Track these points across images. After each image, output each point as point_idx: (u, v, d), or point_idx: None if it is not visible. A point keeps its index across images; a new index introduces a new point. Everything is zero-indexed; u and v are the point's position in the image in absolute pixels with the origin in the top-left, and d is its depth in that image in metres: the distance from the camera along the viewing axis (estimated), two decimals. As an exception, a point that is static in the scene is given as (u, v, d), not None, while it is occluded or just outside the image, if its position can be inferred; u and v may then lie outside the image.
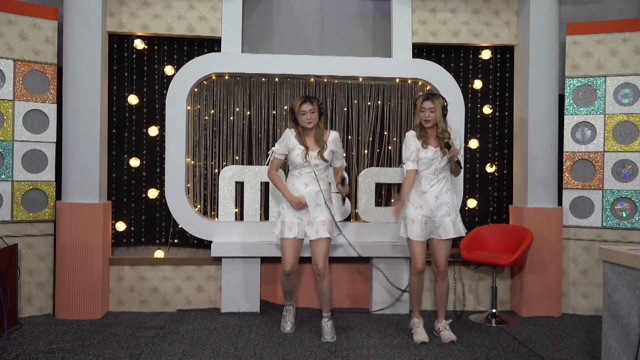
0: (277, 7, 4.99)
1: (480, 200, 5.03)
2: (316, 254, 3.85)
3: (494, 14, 4.87)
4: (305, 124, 3.80)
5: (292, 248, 3.84)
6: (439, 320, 3.98)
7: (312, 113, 3.79)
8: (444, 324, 3.95)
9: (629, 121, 4.60)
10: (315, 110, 3.80)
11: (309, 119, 3.79)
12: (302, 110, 3.79)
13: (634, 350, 2.72)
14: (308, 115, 3.78)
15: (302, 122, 3.81)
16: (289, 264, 3.84)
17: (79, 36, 4.34)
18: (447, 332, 3.91)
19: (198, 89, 4.74)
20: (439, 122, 3.75)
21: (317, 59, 4.69)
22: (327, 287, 3.90)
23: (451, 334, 3.89)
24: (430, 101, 3.75)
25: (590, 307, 4.68)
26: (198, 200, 4.78)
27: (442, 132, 3.76)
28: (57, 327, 4.10)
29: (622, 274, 2.84)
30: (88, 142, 4.35)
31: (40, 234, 4.39)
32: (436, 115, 3.74)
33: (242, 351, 3.61)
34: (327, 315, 3.95)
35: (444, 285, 3.94)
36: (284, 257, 3.87)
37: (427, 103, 3.75)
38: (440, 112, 3.74)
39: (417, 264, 3.85)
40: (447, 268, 3.92)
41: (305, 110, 3.79)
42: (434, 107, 3.74)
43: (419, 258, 3.83)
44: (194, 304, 4.63)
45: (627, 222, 4.59)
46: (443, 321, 3.96)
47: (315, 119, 3.81)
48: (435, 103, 3.74)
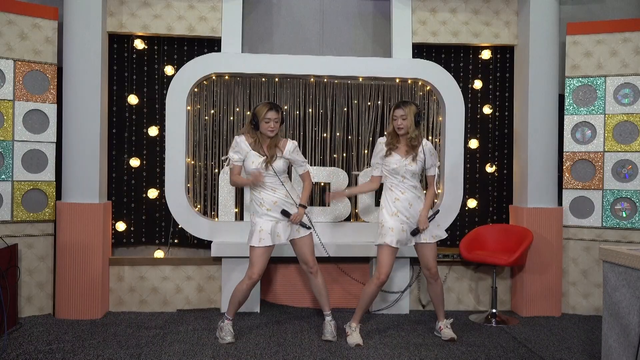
0: (277, 7, 4.99)
1: (480, 200, 5.03)
2: (304, 253, 3.79)
3: (494, 14, 4.87)
4: (267, 132, 3.66)
5: (263, 254, 3.69)
6: (439, 320, 3.98)
7: (276, 122, 3.66)
8: (445, 323, 3.94)
9: (629, 121, 4.60)
10: (279, 120, 3.69)
11: (272, 128, 3.66)
12: (267, 117, 3.64)
13: (634, 350, 2.72)
14: (272, 123, 3.65)
15: (264, 129, 3.66)
16: (257, 272, 3.69)
17: (79, 36, 4.34)
18: (448, 330, 3.91)
19: (198, 89, 4.74)
20: (409, 130, 3.71)
21: (317, 59, 4.69)
22: (321, 283, 3.86)
23: (452, 332, 3.89)
24: (401, 109, 3.71)
25: (590, 307, 4.68)
26: (198, 200, 4.78)
27: (412, 140, 3.72)
28: (57, 327, 4.10)
29: (622, 274, 2.84)
30: (88, 142, 4.35)
31: (40, 234, 4.39)
32: (408, 123, 3.70)
33: (242, 351, 3.61)
34: (328, 313, 3.91)
35: (438, 285, 3.91)
36: (254, 264, 3.68)
37: (398, 111, 3.72)
38: (412, 120, 3.69)
39: (381, 274, 3.70)
40: (437, 270, 3.86)
41: (270, 117, 3.64)
42: (405, 115, 3.69)
43: (386, 268, 3.71)
44: (194, 304, 4.63)
45: (627, 222, 4.59)
46: (444, 320, 3.96)
47: (277, 128, 3.69)
48: (406, 110, 3.69)
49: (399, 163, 3.73)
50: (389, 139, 3.79)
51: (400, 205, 3.72)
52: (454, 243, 4.95)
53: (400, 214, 3.72)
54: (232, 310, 3.79)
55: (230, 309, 3.79)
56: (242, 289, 3.74)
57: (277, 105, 3.73)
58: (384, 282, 3.78)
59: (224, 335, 3.77)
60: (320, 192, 4.86)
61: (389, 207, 3.75)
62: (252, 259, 3.71)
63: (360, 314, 3.86)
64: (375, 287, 3.77)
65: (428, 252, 3.82)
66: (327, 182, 4.77)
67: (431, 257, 3.82)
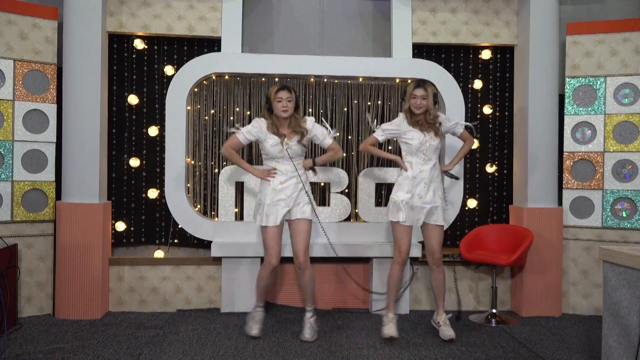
0: (277, 7, 5.00)
1: (480, 200, 5.03)
2: (296, 244, 3.77)
3: (494, 14, 4.87)
4: (280, 112, 3.65)
5: (275, 235, 3.70)
6: (438, 314, 3.95)
7: (288, 101, 3.64)
8: (444, 319, 3.91)
9: (629, 121, 4.60)
10: (292, 99, 3.67)
11: (285, 107, 3.64)
12: (278, 97, 3.64)
13: (634, 350, 2.72)
14: (284, 102, 3.64)
15: (277, 109, 3.65)
16: (275, 256, 3.71)
17: (79, 36, 4.34)
18: (447, 327, 3.87)
19: (198, 89, 4.74)
20: (430, 109, 3.73)
21: (317, 59, 4.69)
22: (309, 279, 3.82)
23: (451, 330, 3.86)
24: (422, 88, 3.71)
25: (590, 307, 4.68)
26: (198, 200, 4.78)
27: (433, 118, 3.74)
28: (57, 327, 4.10)
29: (622, 274, 2.84)
30: (88, 142, 4.35)
31: (40, 234, 4.39)
32: (428, 103, 3.71)
33: (242, 351, 3.61)
34: (310, 309, 3.89)
35: (440, 273, 3.87)
36: (269, 248, 3.72)
37: (418, 90, 3.71)
38: (431, 100, 3.71)
39: (402, 249, 3.74)
40: (441, 255, 3.84)
41: (282, 97, 3.64)
42: (425, 95, 3.70)
43: (405, 244, 3.74)
44: (194, 304, 4.63)
45: (627, 222, 4.59)
46: (443, 315, 3.92)
47: (291, 108, 3.67)
48: (428, 90, 3.71)
49: (421, 139, 3.73)
50: (409, 118, 3.77)
51: (417, 183, 3.73)
52: (454, 243, 4.95)
53: (416, 193, 3.73)
54: (259, 296, 3.90)
55: (259, 296, 3.92)
56: (261, 276, 3.85)
57: (289, 86, 3.74)
58: (406, 260, 3.81)
59: (251, 326, 3.88)
60: (320, 192, 4.86)
61: (403, 184, 3.76)
62: (265, 242, 3.75)
63: (393, 301, 3.89)
64: (398, 266, 3.80)
65: (435, 235, 3.80)
66: (327, 182, 4.77)
67: (437, 241, 3.81)
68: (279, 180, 3.73)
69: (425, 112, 3.74)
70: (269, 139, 3.70)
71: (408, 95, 3.77)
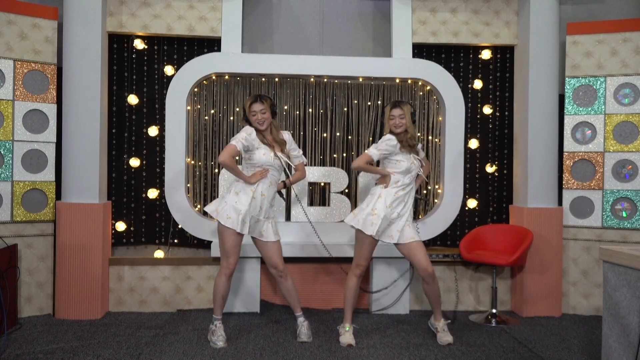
0: (277, 7, 4.99)
1: (480, 200, 5.03)
2: (271, 257, 3.74)
3: (494, 14, 4.87)
4: (256, 124, 3.63)
5: (239, 242, 3.64)
6: (436, 319, 3.95)
7: (262, 114, 3.61)
8: (442, 325, 3.91)
9: (629, 121, 4.60)
10: (267, 111, 3.63)
11: (260, 120, 3.61)
12: (252, 110, 3.61)
13: (634, 350, 2.72)
14: (259, 115, 3.61)
15: (253, 123, 3.63)
16: (234, 261, 3.64)
17: (79, 36, 4.34)
18: (445, 333, 3.87)
19: (198, 89, 4.74)
20: (408, 127, 3.76)
21: (317, 59, 4.69)
22: (291, 285, 3.82)
23: (449, 336, 3.86)
24: (399, 108, 3.75)
25: (590, 307, 4.68)
26: (198, 200, 4.78)
27: (411, 137, 3.77)
28: (57, 327, 4.10)
29: (622, 274, 2.83)
30: (88, 142, 4.35)
31: (40, 234, 4.39)
32: (406, 122, 3.75)
33: (242, 351, 3.61)
34: (300, 314, 3.88)
35: (435, 284, 3.84)
36: (230, 253, 3.60)
37: (396, 110, 3.75)
38: (409, 118, 3.75)
39: (362, 263, 3.78)
40: (433, 269, 3.78)
41: (255, 110, 3.61)
42: (403, 114, 3.74)
43: (368, 258, 3.79)
44: (194, 304, 4.63)
45: (627, 222, 4.59)
46: (441, 321, 3.92)
47: (267, 119, 3.63)
48: (404, 109, 3.74)
49: (410, 161, 3.77)
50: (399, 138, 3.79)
51: (399, 201, 3.76)
52: (454, 243, 4.95)
53: (394, 209, 3.75)
54: (218, 308, 3.74)
55: (216, 308, 3.74)
56: (220, 284, 3.69)
57: (262, 96, 3.67)
58: (363, 272, 3.82)
59: (216, 340, 3.71)
60: (320, 192, 4.86)
61: (387, 199, 3.75)
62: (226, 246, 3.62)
63: (350, 313, 3.86)
64: (356, 278, 3.81)
65: (419, 252, 3.77)
66: (327, 182, 4.77)
67: (424, 257, 3.76)
68: (261, 189, 3.65)
69: (404, 131, 3.77)
70: (261, 148, 3.65)
71: (386, 117, 3.80)
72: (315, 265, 4.67)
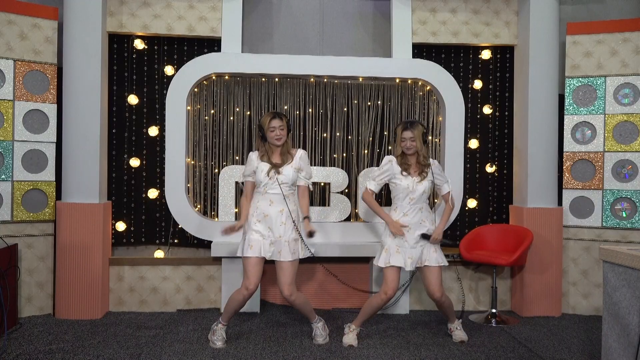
0: (277, 7, 4.99)
1: (480, 200, 5.03)
2: (280, 280, 3.64)
3: (494, 14, 4.87)
4: (274, 140, 3.64)
5: (256, 263, 3.60)
6: (451, 322, 3.97)
7: (281, 130, 3.64)
8: (456, 324, 3.94)
9: (629, 121, 4.60)
10: (284, 127, 3.67)
11: (278, 136, 3.64)
12: (271, 126, 3.64)
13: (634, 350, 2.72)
14: (277, 131, 3.63)
15: (270, 138, 3.65)
16: (254, 282, 3.58)
17: (79, 36, 4.34)
18: (459, 331, 3.91)
19: (198, 89, 4.74)
20: (419, 150, 3.73)
21: (317, 59, 4.69)
22: (301, 305, 3.74)
23: (463, 333, 3.90)
24: (409, 131, 3.71)
25: (590, 307, 4.68)
26: (198, 200, 4.78)
27: (423, 159, 3.74)
28: (57, 327, 4.10)
29: (622, 274, 2.84)
30: (88, 142, 4.35)
31: (40, 234, 4.39)
32: (417, 144, 3.71)
33: (242, 351, 3.61)
34: (315, 321, 3.86)
35: (445, 303, 3.83)
36: (249, 273, 3.59)
37: (407, 133, 3.71)
38: (420, 140, 3.71)
39: (388, 290, 3.71)
40: (443, 293, 3.76)
41: (274, 126, 3.63)
42: (413, 137, 3.69)
43: (392, 285, 3.71)
44: (194, 304, 4.63)
45: (627, 222, 4.59)
46: (455, 321, 3.95)
47: (284, 135, 3.66)
48: (415, 132, 3.70)
49: (411, 183, 3.71)
50: (400, 160, 3.76)
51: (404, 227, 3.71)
52: (454, 243, 4.94)
53: (398, 236, 3.70)
54: (227, 316, 3.75)
55: (225, 315, 3.75)
56: (238, 299, 3.64)
57: (280, 114, 3.71)
58: (391, 298, 3.77)
59: (215, 340, 3.71)
60: (320, 192, 4.86)
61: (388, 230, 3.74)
62: (246, 268, 3.63)
63: (362, 320, 3.86)
64: (381, 302, 3.76)
65: (432, 278, 3.73)
66: (327, 182, 4.77)
67: (435, 283, 3.73)
68: (262, 211, 3.63)
69: (415, 152, 3.74)
70: (260, 166, 3.67)
71: (398, 139, 3.77)
72: (315, 265, 4.67)
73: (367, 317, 3.86)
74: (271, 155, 3.71)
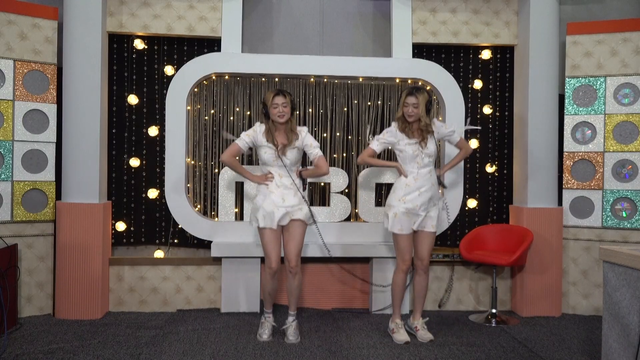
0: (277, 7, 4.99)
1: (480, 200, 5.03)
2: (290, 250, 3.73)
3: (494, 14, 4.87)
4: (276, 117, 3.66)
5: (273, 239, 3.69)
6: (415, 317, 3.95)
7: (284, 107, 3.66)
8: (421, 323, 3.92)
9: (629, 121, 4.60)
10: (288, 105, 3.68)
11: (281, 113, 3.65)
12: (274, 102, 3.66)
13: (634, 350, 2.72)
14: (280, 108, 3.65)
15: (273, 115, 3.67)
16: (275, 260, 3.69)
17: (79, 36, 4.34)
18: (425, 331, 3.89)
19: (198, 89, 4.74)
20: (421, 117, 3.73)
21: (317, 59, 4.69)
22: (297, 284, 3.81)
23: (428, 333, 3.88)
24: (414, 96, 3.71)
25: (590, 307, 4.68)
26: (198, 200, 4.78)
27: (424, 125, 3.75)
28: (57, 327, 4.10)
29: (622, 274, 2.84)
30: (88, 142, 4.35)
31: (40, 234, 4.39)
32: (419, 111, 3.71)
33: (242, 351, 3.61)
34: (293, 314, 3.88)
35: (426, 279, 3.87)
36: (268, 253, 3.71)
37: (410, 98, 3.72)
38: (423, 108, 3.71)
39: (405, 257, 3.77)
40: (429, 262, 3.85)
41: (277, 103, 3.66)
42: (417, 103, 3.70)
43: (406, 253, 3.78)
44: (194, 304, 4.63)
45: (627, 222, 4.59)
46: (420, 319, 3.93)
47: (287, 113, 3.68)
48: (419, 98, 3.70)
49: (415, 148, 3.73)
50: (402, 125, 3.77)
51: (410, 190, 3.73)
52: (454, 243, 4.95)
53: (408, 200, 3.72)
54: (267, 303, 3.88)
55: (266, 303, 3.89)
56: (264, 281, 3.85)
57: (284, 91, 3.73)
58: (409, 267, 3.82)
59: (262, 332, 3.86)
60: (320, 192, 4.86)
61: (399, 191, 3.76)
62: (264, 247, 3.74)
63: (398, 308, 3.89)
64: (403, 274, 3.81)
65: (426, 242, 3.81)
66: (327, 182, 4.77)
67: (427, 249, 3.82)
68: (275, 183, 3.73)
69: (417, 120, 3.74)
70: (264, 146, 3.71)
71: (401, 103, 3.79)
72: (316, 265, 4.67)
73: (400, 301, 3.89)
74: (274, 132, 3.71)
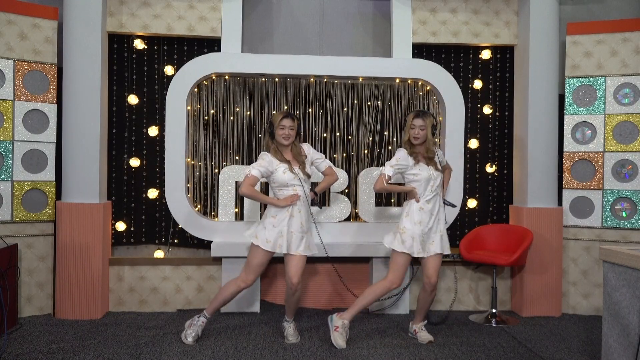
0: (277, 7, 5.00)
1: (480, 200, 5.03)
2: (290, 269, 3.68)
3: (494, 14, 4.87)
4: (281, 139, 3.66)
5: (265, 261, 3.71)
6: (415, 322, 3.97)
7: (291, 129, 3.66)
8: (420, 325, 3.93)
9: (629, 121, 4.60)
10: (295, 128, 3.69)
11: (287, 135, 3.66)
12: (282, 124, 3.65)
13: (634, 350, 2.72)
14: (287, 130, 3.65)
15: (278, 136, 3.67)
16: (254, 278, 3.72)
17: (79, 36, 4.34)
18: (424, 332, 3.90)
19: (198, 89, 4.74)
20: (428, 140, 3.74)
21: (317, 59, 4.69)
22: (297, 299, 3.79)
23: (428, 334, 3.88)
24: (420, 119, 3.72)
25: (590, 307, 4.68)
26: (198, 200, 4.78)
27: (427, 150, 3.75)
28: (57, 327, 4.10)
29: (622, 274, 2.84)
30: (88, 142, 4.35)
31: (40, 234, 4.39)
32: (426, 133, 3.72)
33: (242, 351, 3.61)
34: (290, 320, 3.88)
35: (431, 296, 3.85)
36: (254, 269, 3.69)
37: (417, 120, 3.72)
38: (429, 131, 3.72)
39: (398, 280, 3.75)
40: (437, 281, 3.81)
41: (285, 125, 3.65)
42: (424, 125, 3.71)
43: (403, 274, 3.77)
44: (194, 304, 4.63)
45: (627, 222, 4.59)
46: (419, 322, 3.95)
47: (292, 136, 3.69)
48: (426, 121, 3.71)
49: (430, 172, 3.73)
50: (410, 149, 3.77)
51: (424, 214, 3.72)
52: (454, 243, 4.94)
53: (422, 224, 3.71)
54: (213, 309, 3.80)
55: (211, 308, 3.80)
56: (232, 291, 3.74)
57: (292, 114, 3.74)
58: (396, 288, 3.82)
59: (189, 334, 3.74)
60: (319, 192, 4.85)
61: (413, 215, 3.73)
62: (253, 261, 3.68)
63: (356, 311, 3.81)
64: (385, 290, 3.78)
65: (435, 263, 3.78)
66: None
67: (435, 269, 3.78)
68: (298, 207, 3.68)
69: (423, 143, 3.74)
70: (280, 167, 3.67)
71: (407, 125, 3.78)
72: (316, 265, 4.67)
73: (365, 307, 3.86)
74: (283, 153, 3.72)
